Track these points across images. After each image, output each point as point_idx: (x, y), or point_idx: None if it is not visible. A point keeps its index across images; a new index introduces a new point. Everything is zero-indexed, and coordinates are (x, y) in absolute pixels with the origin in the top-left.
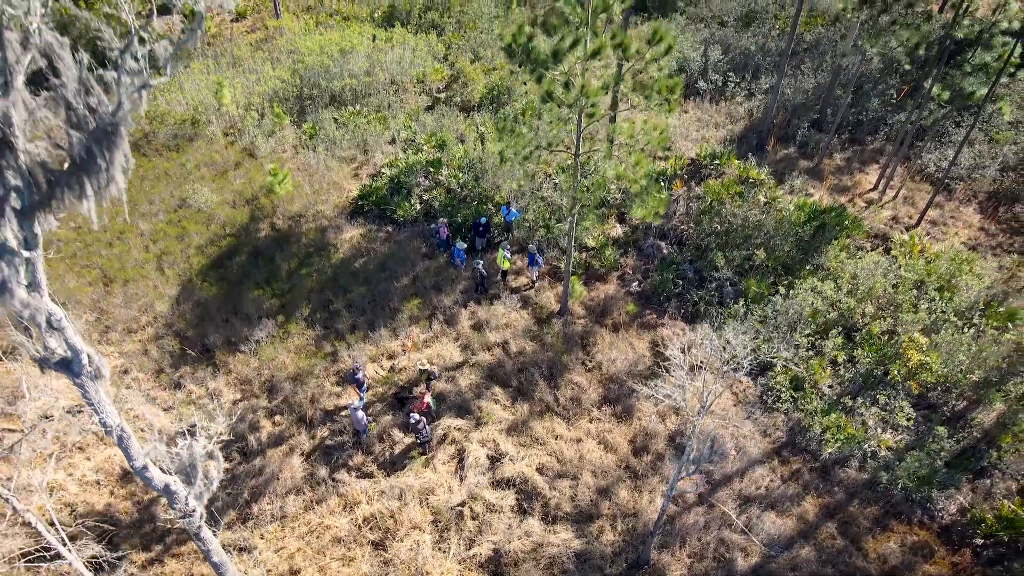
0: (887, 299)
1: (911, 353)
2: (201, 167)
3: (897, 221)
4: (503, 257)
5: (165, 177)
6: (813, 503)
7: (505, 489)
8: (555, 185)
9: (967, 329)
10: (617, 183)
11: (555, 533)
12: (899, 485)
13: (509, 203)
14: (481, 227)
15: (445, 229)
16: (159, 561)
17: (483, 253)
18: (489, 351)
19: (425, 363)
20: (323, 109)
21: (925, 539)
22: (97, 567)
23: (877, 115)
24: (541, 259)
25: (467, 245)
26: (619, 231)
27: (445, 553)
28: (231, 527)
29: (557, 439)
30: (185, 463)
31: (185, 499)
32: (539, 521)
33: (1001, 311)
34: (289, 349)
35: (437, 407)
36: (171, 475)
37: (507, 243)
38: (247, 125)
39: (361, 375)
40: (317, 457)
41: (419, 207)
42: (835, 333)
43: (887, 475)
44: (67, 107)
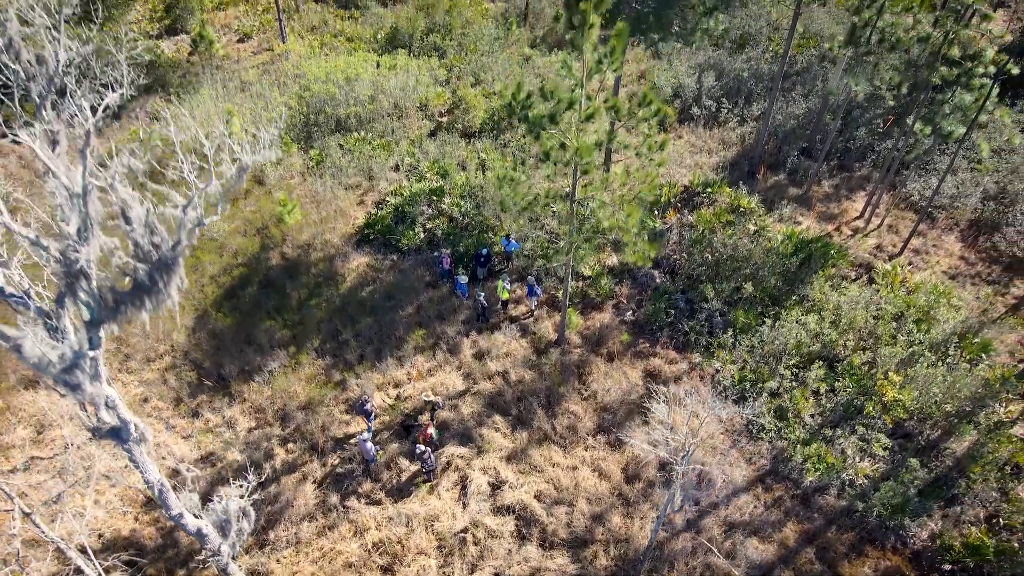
0: (868, 330)
1: (886, 389)
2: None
3: (881, 250)
4: (503, 288)
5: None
6: (794, 529)
7: (505, 515)
8: (554, 213)
9: (941, 363)
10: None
11: (552, 558)
12: (874, 513)
13: (509, 234)
14: (482, 257)
15: (448, 259)
16: None
17: (484, 283)
18: (490, 380)
19: (430, 395)
20: (329, 135)
21: (897, 564)
22: None
23: (864, 143)
24: (539, 289)
25: (468, 275)
26: (614, 259)
27: None
28: (249, 552)
29: (554, 466)
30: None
31: (218, 547)
32: (537, 547)
33: (976, 342)
34: (300, 378)
35: (439, 436)
36: (202, 519)
37: (507, 274)
38: None
39: (369, 406)
40: (328, 484)
41: (423, 235)
42: (818, 365)
43: (863, 504)
44: (135, 245)
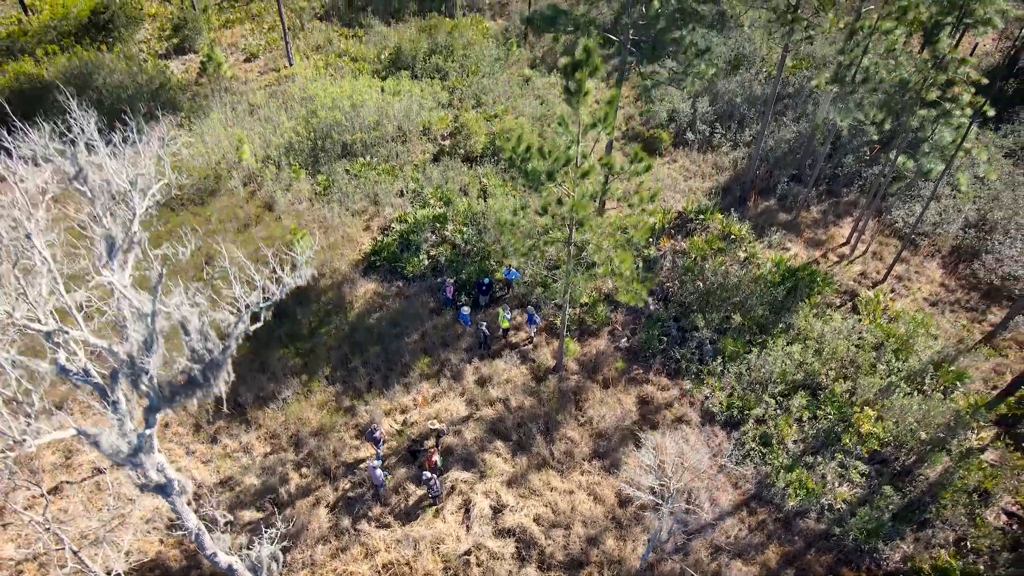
0: (850, 358)
1: (862, 422)
2: (224, 222)
3: (865, 276)
4: (503, 317)
5: (193, 233)
6: (775, 551)
7: (506, 538)
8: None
9: (917, 393)
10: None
11: None
12: (851, 536)
13: (510, 264)
14: (484, 286)
15: (451, 288)
16: None
17: (486, 310)
18: (492, 406)
19: (435, 423)
20: (335, 161)
21: None
22: None
23: (852, 169)
24: (538, 317)
25: (470, 304)
26: (610, 286)
27: None
28: None
29: (552, 490)
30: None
31: None
32: (536, 568)
33: (951, 371)
34: (312, 405)
35: (444, 462)
36: (233, 556)
37: (507, 303)
38: (266, 179)
39: (378, 433)
40: (340, 508)
41: (427, 262)
42: (801, 394)
43: (840, 528)
44: (191, 350)
